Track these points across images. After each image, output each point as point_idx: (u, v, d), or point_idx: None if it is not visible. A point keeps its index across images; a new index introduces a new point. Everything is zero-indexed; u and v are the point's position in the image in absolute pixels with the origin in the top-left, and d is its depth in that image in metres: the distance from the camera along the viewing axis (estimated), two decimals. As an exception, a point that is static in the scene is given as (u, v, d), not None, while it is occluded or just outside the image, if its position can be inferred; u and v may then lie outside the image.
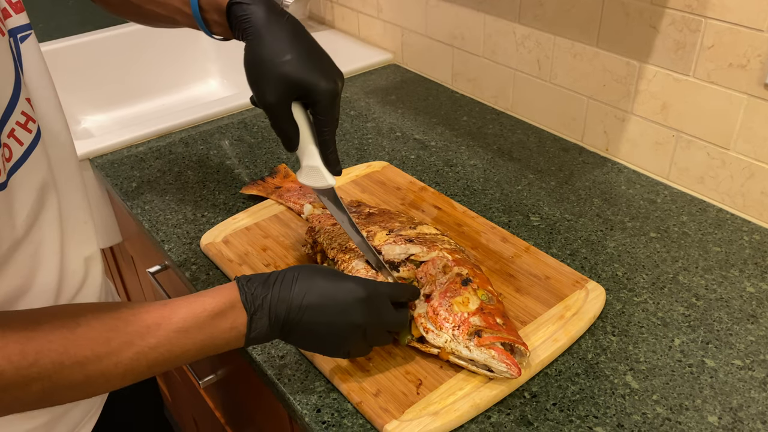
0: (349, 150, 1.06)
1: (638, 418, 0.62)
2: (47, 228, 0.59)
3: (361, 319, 0.58)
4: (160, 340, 0.52)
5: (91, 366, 0.49)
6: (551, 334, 0.69)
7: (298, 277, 0.58)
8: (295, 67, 0.62)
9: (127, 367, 0.51)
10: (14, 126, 0.53)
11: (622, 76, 0.96)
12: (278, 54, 0.62)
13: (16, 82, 0.54)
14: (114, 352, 0.50)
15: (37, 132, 0.57)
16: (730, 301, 0.75)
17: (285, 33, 0.63)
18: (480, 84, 1.20)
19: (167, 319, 0.53)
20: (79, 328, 0.49)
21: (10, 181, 0.53)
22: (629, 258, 0.82)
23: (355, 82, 1.30)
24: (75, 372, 0.49)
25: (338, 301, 0.58)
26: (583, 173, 0.99)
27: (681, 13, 0.86)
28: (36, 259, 0.58)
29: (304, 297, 0.57)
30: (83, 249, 0.66)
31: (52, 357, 0.48)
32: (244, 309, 0.56)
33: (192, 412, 1.28)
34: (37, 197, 0.57)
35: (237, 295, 0.56)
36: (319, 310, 0.57)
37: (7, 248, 0.54)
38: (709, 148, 0.89)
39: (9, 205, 0.53)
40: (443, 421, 0.60)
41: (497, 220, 0.89)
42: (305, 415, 0.63)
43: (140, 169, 1.02)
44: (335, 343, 0.59)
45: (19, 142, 0.54)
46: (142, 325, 0.52)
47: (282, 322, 0.57)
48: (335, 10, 1.49)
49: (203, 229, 0.87)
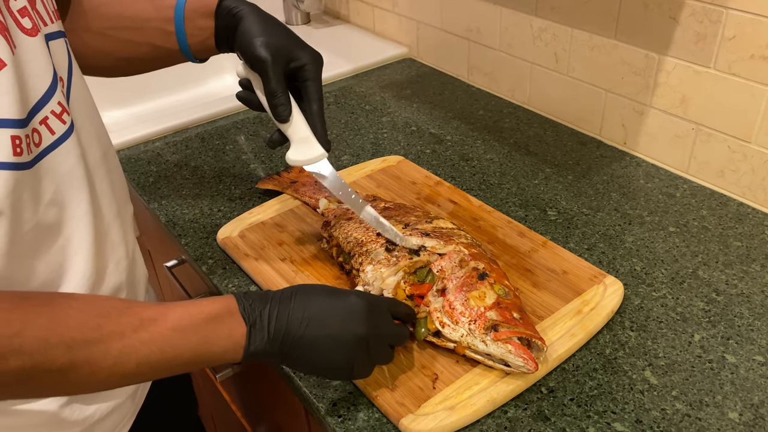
0: (364, 144, 1.06)
1: (657, 413, 0.61)
2: (77, 225, 0.59)
3: (364, 330, 0.57)
4: (153, 336, 0.51)
5: (77, 350, 0.47)
6: (569, 329, 0.68)
7: (297, 293, 0.57)
8: (284, 36, 0.70)
9: (115, 360, 0.49)
10: (48, 114, 0.55)
11: (640, 68, 0.95)
12: (268, 27, 0.70)
13: (54, 75, 0.56)
14: (103, 339, 0.48)
15: (71, 126, 0.58)
16: (752, 297, 0.74)
17: (271, 17, 0.72)
18: (496, 77, 1.19)
19: (163, 316, 0.52)
20: (70, 309, 0.48)
21: (38, 165, 0.54)
22: (648, 253, 0.81)
23: (371, 77, 1.29)
24: (59, 353, 0.47)
25: (340, 313, 0.57)
26: (601, 167, 0.98)
27: (701, 4, 0.85)
28: (65, 254, 0.58)
29: (305, 311, 0.56)
30: (117, 251, 0.65)
31: (37, 332, 0.46)
32: (243, 319, 0.55)
33: (210, 407, 1.29)
34: (64, 187, 0.58)
35: (235, 304, 0.55)
36: (321, 323, 0.56)
37: (30, 229, 0.54)
38: (730, 141, 0.88)
39: (34, 186, 0.54)
40: (459, 416, 0.60)
41: (514, 214, 0.88)
42: (321, 409, 0.63)
43: (157, 164, 1.03)
44: (339, 358, 0.57)
45: (51, 131, 0.56)
46: (137, 317, 0.51)
47: (282, 338, 0.55)
48: (350, 4, 1.49)
49: (220, 224, 0.87)
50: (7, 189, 0.50)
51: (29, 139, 0.53)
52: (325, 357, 0.57)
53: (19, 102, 0.51)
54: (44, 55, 0.55)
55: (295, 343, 0.56)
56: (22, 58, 0.52)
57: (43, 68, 0.55)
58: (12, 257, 0.53)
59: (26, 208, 0.54)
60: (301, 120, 0.69)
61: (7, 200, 0.51)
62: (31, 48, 0.53)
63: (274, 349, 0.55)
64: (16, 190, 0.51)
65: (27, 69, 0.52)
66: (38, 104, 0.54)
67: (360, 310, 0.58)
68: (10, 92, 0.50)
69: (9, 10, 0.52)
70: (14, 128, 0.50)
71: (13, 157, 0.50)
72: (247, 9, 0.71)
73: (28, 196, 0.54)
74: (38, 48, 0.54)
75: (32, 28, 0.54)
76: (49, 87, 0.55)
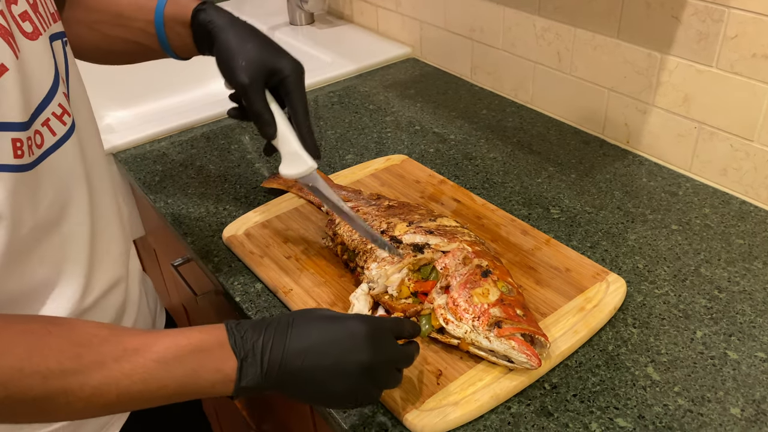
0: (368, 144, 1.07)
1: (659, 409, 0.62)
2: (76, 223, 0.60)
3: (369, 358, 0.53)
4: (135, 367, 0.48)
5: (53, 380, 0.46)
6: (571, 326, 0.69)
7: (294, 321, 0.54)
8: (261, 50, 0.69)
9: (94, 390, 0.47)
10: (50, 116, 0.56)
11: (643, 67, 0.95)
12: (244, 42, 0.69)
13: (55, 77, 0.56)
14: (82, 370, 0.47)
15: (72, 126, 0.59)
16: (754, 294, 0.74)
17: (247, 28, 0.71)
18: (499, 77, 1.20)
19: (147, 346, 0.49)
20: (49, 337, 0.47)
21: (39, 166, 0.55)
22: (650, 250, 0.81)
23: (374, 77, 1.30)
24: (34, 383, 0.45)
25: (341, 341, 0.53)
26: (604, 166, 0.99)
27: (704, 3, 0.85)
28: (63, 251, 0.59)
29: (303, 341, 0.53)
30: (113, 248, 0.67)
31: (12, 361, 0.45)
32: (233, 352, 0.51)
33: (213, 403, 1.30)
34: (64, 187, 0.58)
35: (225, 336, 0.52)
36: (321, 354, 0.53)
37: (30, 230, 0.55)
38: (732, 140, 0.88)
39: (33, 188, 0.55)
40: (463, 411, 0.60)
41: (517, 212, 0.88)
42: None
43: (163, 164, 1.03)
44: (341, 389, 0.54)
45: (52, 132, 0.56)
46: (119, 347, 0.48)
47: (278, 372, 0.51)
48: (354, 4, 1.50)
49: (225, 222, 0.88)
50: (7, 191, 0.51)
51: (31, 141, 0.53)
52: (326, 389, 0.53)
53: (21, 105, 0.51)
54: (47, 58, 0.56)
55: (293, 376, 0.52)
56: (25, 61, 0.53)
57: (45, 70, 0.56)
58: (10, 257, 0.54)
59: (26, 210, 0.54)
60: (290, 133, 0.69)
61: (6, 202, 0.51)
62: (33, 51, 0.54)
63: (269, 384, 0.52)
64: (17, 192, 0.52)
65: (29, 72, 0.53)
66: (40, 106, 0.54)
67: (362, 336, 0.54)
68: (12, 95, 0.51)
69: (11, 15, 0.53)
70: (16, 131, 0.51)
71: (14, 160, 0.51)
72: (220, 23, 0.70)
73: (29, 197, 0.54)
74: (40, 51, 0.55)
75: (33, 32, 0.55)
76: (50, 89, 0.56)
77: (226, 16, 0.71)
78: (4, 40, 0.50)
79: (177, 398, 0.51)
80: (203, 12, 0.71)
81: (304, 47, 1.44)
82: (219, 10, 0.72)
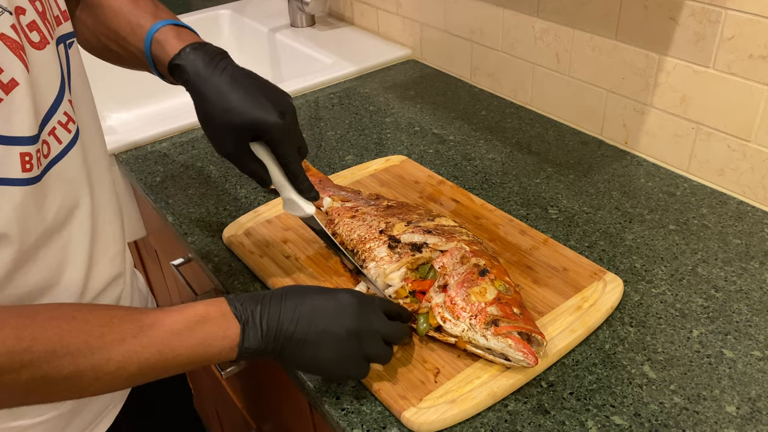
0: (368, 144, 1.07)
1: (655, 407, 0.62)
2: (78, 224, 0.61)
3: (355, 324, 0.59)
4: (152, 340, 0.53)
5: (82, 358, 0.50)
6: (568, 325, 0.69)
7: (287, 294, 0.59)
8: (239, 113, 0.64)
9: (118, 364, 0.51)
10: (56, 125, 0.56)
11: (641, 68, 0.96)
12: (221, 106, 0.65)
13: (61, 85, 0.57)
14: (106, 346, 0.51)
15: (76, 132, 0.60)
16: (750, 293, 0.75)
17: (224, 82, 0.65)
18: (499, 78, 1.20)
19: (160, 321, 0.54)
20: (74, 321, 0.51)
21: (45, 176, 0.55)
22: (648, 250, 0.82)
23: (375, 78, 1.31)
24: (66, 363, 0.49)
25: (330, 309, 0.59)
26: (602, 166, 0.99)
27: (700, 5, 0.86)
28: (65, 253, 0.60)
29: (296, 309, 0.58)
30: (111, 247, 0.68)
31: (45, 345, 0.48)
32: (236, 319, 0.56)
33: (214, 403, 1.30)
34: (70, 193, 0.59)
35: (227, 306, 0.57)
36: (312, 319, 0.58)
37: (35, 240, 0.56)
38: (730, 140, 0.89)
39: (41, 199, 0.55)
40: (460, 409, 0.61)
41: (515, 212, 0.89)
42: (325, 402, 0.64)
43: (164, 164, 1.04)
44: (332, 353, 0.58)
45: (58, 141, 0.57)
46: (136, 324, 0.53)
47: (275, 335, 0.57)
48: (355, 6, 1.51)
49: (225, 222, 0.89)
50: (13, 207, 0.52)
51: (39, 153, 0.54)
52: (317, 352, 0.58)
53: (31, 118, 0.52)
54: (54, 66, 0.56)
55: (288, 339, 0.57)
56: (34, 73, 0.53)
57: (52, 79, 0.56)
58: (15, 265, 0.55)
59: (33, 222, 0.55)
60: (285, 181, 0.69)
61: (14, 216, 0.52)
62: (41, 62, 0.54)
63: (268, 346, 0.57)
64: (24, 206, 0.53)
65: (37, 84, 0.54)
66: (47, 116, 0.55)
67: (350, 305, 0.59)
68: (22, 110, 0.51)
69: (21, 26, 0.52)
70: (25, 145, 0.52)
71: (22, 174, 0.52)
72: (196, 80, 0.66)
73: (36, 209, 0.55)
74: (48, 60, 0.55)
75: (40, 41, 0.55)
76: (56, 98, 0.56)
77: (199, 66, 0.66)
78: (15, 55, 0.51)
79: (190, 366, 0.55)
80: (178, 67, 0.67)
81: (305, 49, 1.45)
82: (195, 59, 0.66)
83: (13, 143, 0.51)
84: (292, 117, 0.66)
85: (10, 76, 0.50)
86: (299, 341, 0.57)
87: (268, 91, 0.67)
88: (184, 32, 0.69)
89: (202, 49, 0.67)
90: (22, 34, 0.52)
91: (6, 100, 0.50)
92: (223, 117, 0.65)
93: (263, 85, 0.67)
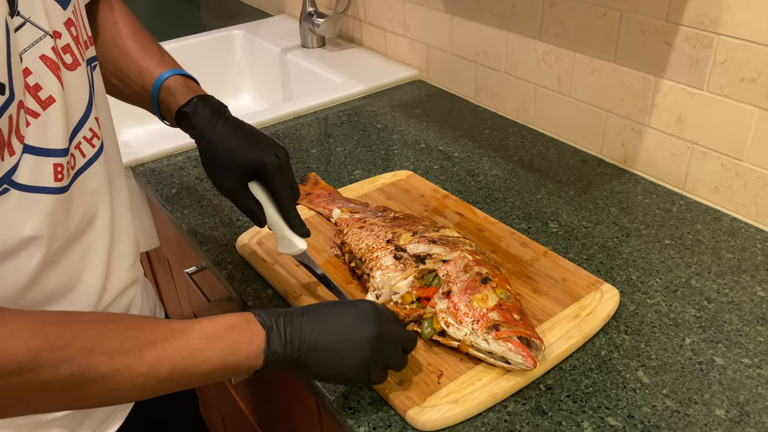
0: (375, 160, 1.11)
1: (648, 410, 0.65)
2: (97, 233, 0.66)
3: (376, 331, 0.61)
4: (182, 344, 0.55)
5: (117, 358, 0.52)
6: (566, 332, 0.72)
7: (307, 309, 0.62)
8: (239, 153, 0.72)
9: (150, 366, 0.53)
10: (81, 140, 0.62)
11: (639, 90, 1.00)
12: (225, 147, 0.72)
13: (89, 103, 0.62)
14: (139, 348, 0.53)
15: (101, 146, 0.65)
16: (741, 305, 0.78)
17: (227, 129, 0.73)
18: (502, 98, 1.25)
19: (189, 327, 0.56)
20: (109, 324, 0.54)
21: (72, 186, 0.60)
22: (644, 263, 0.85)
23: (382, 97, 1.35)
24: (103, 362, 0.51)
25: (351, 317, 0.61)
26: (601, 183, 1.03)
27: (695, 30, 0.90)
28: (84, 260, 0.64)
29: (317, 319, 0.60)
30: (128, 256, 0.73)
31: (84, 343, 0.51)
32: (261, 326, 0.59)
33: (220, 410, 1.33)
34: (91, 203, 0.64)
35: (252, 315, 0.60)
36: (334, 329, 0.60)
37: (60, 245, 0.61)
38: (723, 159, 0.93)
39: (67, 207, 0.60)
40: (462, 408, 0.64)
41: (517, 226, 0.93)
42: (333, 402, 0.67)
43: (179, 177, 1.08)
44: (355, 360, 0.60)
45: (83, 154, 0.62)
46: (166, 329, 0.56)
47: (298, 344, 0.59)
48: (363, 28, 1.56)
49: (238, 232, 0.92)
50: (46, 212, 0.57)
51: (69, 164, 0.59)
52: (341, 360, 0.60)
53: (63, 133, 0.57)
54: (83, 86, 0.62)
55: (311, 348, 0.59)
56: (68, 92, 0.58)
57: (81, 97, 0.61)
58: (43, 267, 0.59)
59: (61, 227, 0.60)
60: (279, 219, 0.74)
61: (45, 222, 0.57)
62: (73, 81, 0.60)
63: (292, 354, 0.59)
64: (55, 212, 0.58)
65: (70, 102, 0.59)
66: (74, 131, 0.60)
67: (370, 312, 0.62)
68: (57, 125, 0.57)
69: (57, 49, 0.58)
70: (58, 157, 0.57)
71: (54, 183, 0.57)
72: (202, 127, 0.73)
73: (64, 216, 0.60)
74: (78, 80, 0.61)
75: (72, 63, 0.60)
76: (83, 114, 0.61)
77: (205, 116, 0.73)
78: (54, 75, 0.56)
79: (218, 373, 0.57)
80: (185, 114, 0.74)
81: (315, 69, 1.49)
82: (202, 109, 0.74)
83: (48, 155, 0.56)
84: (286, 158, 0.73)
85: (48, 93, 0.56)
86: (324, 349, 0.59)
87: (264, 137, 0.74)
88: (192, 84, 0.77)
89: (208, 101, 0.75)
90: (59, 56, 0.58)
91: (43, 115, 0.56)
92: (226, 157, 0.72)
93: (259, 132, 0.75)
